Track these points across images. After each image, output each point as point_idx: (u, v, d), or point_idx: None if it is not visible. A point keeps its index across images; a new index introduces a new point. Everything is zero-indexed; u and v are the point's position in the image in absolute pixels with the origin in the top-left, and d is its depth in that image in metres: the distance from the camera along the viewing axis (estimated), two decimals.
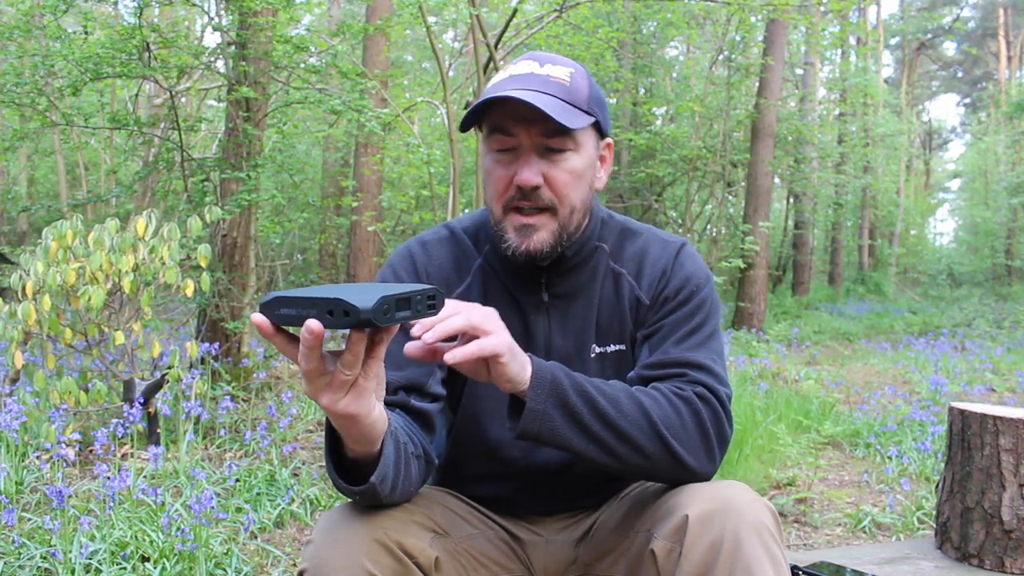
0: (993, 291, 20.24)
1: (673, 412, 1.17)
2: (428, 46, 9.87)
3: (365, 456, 1.04)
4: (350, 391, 0.92)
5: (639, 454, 1.15)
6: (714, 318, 1.30)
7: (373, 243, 9.19)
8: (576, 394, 1.12)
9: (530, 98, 1.16)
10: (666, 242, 1.35)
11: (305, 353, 0.87)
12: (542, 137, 1.21)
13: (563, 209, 1.24)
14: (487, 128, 1.25)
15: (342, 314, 0.83)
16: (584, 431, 1.13)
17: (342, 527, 1.09)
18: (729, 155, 12.00)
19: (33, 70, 5.62)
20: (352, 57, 7.72)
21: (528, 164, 1.21)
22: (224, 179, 5.42)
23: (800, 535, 3.09)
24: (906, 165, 27.06)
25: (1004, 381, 6.80)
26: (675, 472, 1.17)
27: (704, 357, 1.24)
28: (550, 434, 1.12)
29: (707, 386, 1.21)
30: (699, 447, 1.17)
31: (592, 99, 1.25)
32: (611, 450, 1.14)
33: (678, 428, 1.16)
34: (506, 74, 1.24)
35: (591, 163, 1.27)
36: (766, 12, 9.07)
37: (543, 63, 1.24)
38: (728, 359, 6.98)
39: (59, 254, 3.69)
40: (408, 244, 1.37)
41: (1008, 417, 1.79)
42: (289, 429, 4.10)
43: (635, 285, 1.33)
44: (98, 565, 2.38)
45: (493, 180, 1.25)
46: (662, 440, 1.14)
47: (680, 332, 1.26)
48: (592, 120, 1.24)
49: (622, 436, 1.14)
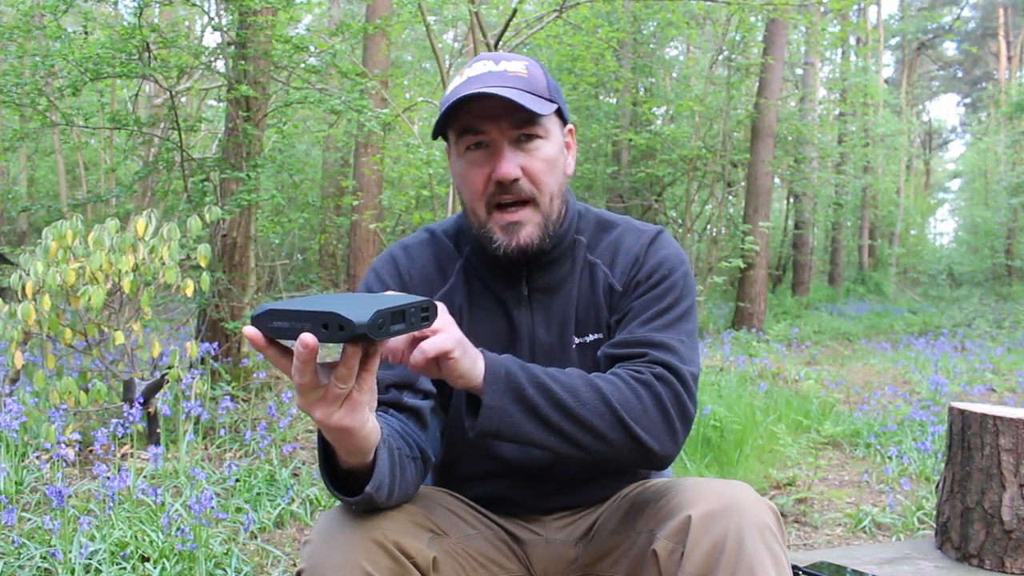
0: (993, 291, 20.24)
1: (633, 396, 1.15)
2: (428, 46, 9.87)
3: (359, 467, 1.04)
4: (344, 404, 0.92)
5: (602, 441, 1.13)
6: (686, 300, 1.29)
7: (373, 243, 9.19)
8: (532, 386, 1.11)
9: (495, 91, 1.18)
10: (641, 231, 1.36)
11: (299, 367, 0.87)
12: (513, 129, 1.22)
13: (543, 198, 1.25)
14: (456, 132, 1.26)
15: (337, 328, 0.82)
16: (544, 423, 1.11)
17: (340, 528, 1.09)
18: (729, 155, 11.99)
19: (33, 70, 5.62)
20: (352, 57, 7.72)
21: (504, 158, 1.22)
22: (224, 179, 5.42)
23: (800, 535, 3.09)
24: (906, 165, 27.06)
25: (1004, 381, 6.80)
26: (639, 456, 1.16)
27: (669, 337, 1.23)
28: (510, 430, 1.10)
29: (667, 365, 1.19)
30: (661, 430, 1.16)
31: (551, 87, 1.27)
32: (574, 440, 1.13)
33: (639, 412, 1.15)
34: (463, 77, 1.25)
35: (560, 149, 1.29)
36: (766, 12, 9.07)
37: (498, 61, 1.26)
38: (728, 359, 6.99)
39: (59, 254, 3.68)
40: (391, 250, 1.39)
41: (1008, 417, 1.79)
42: (289, 429, 4.10)
43: (608, 273, 1.33)
44: (98, 565, 2.38)
45: (470, 181, 1.25)
46: (623, 425, 1.13)
47: (648, 313, 1.26)
48: (555, 106, 1.26)
49: (583, 425, 1.12)
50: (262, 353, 0.88)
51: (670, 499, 1.17)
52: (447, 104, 1.21)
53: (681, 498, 1.14)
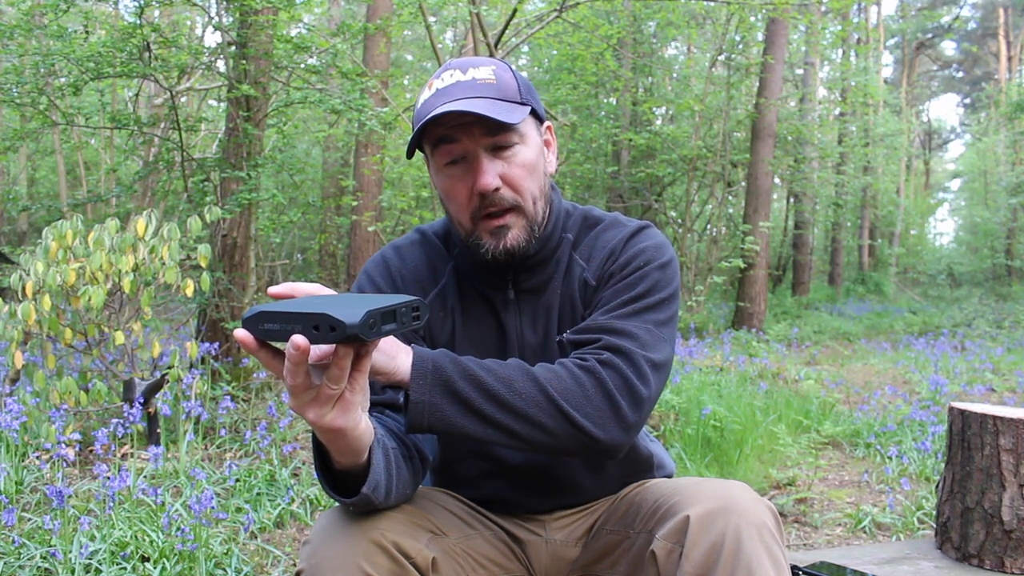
0: (993, 291, 20.23)
1: (574, 383, 1.13)
2: (428, 46, 9.87)
3: (353, 467, 1.04)
4: (336, 405, 0.92)
5: (541, 431, 1.11)
6: (660, 292, 1.26)
7: (373, 243, 9.18)
8: (463, 380, 1.10)
9: (464, 106, 1.17)
10: (624, 225, 1.35)
11: (291, 369, 0.87)
12: (487, 138, 1.21)
13: (526, 203, 1.25)
14: (430, 146, 1.25)
15: (328, 329, 0.82)
16: (477, 416, 1.10)
17: (339, 528, 1.09)
18: (729, 155, 12.00)
19: (35, 69, 5.62)
20: (352, 56, 7.72)
21: (482, 170, 1.21)
22: (224, 179, 5.42)
23: (800, 535, 3.09)
24: (906, 165, 27.06)
25: (1004, 381, 6.80)
26: (583, 445, 1.13)
27: (631, 324, 1.20)
28: (442, 424, 1.09)
29: (617, 349, 1.17)
30: (607, 417, 1.13)
31: (522, 89, 1.26)
32: (510, 431, 1.10)
33: (580, 399, 1.12)
34: (432, 90, 1.24)
35: (539, 151, 1.28)
36: (766, 12, 9.07)
37: (465, 69, 1.24)
38: (728, 359, 6.98)
39: (59, 254, 3.69)
40: (382, 251, 1.39)
41: (1008, 417, 1.79)
42: (289, 429, 4.10)
43: (584, 267, 1.33)
44: (98, 565, 2.38)
45: (454, 195, 1.25)
46: (563, 414, 1.11)
47: (615, 302, 1.25)
48: (528, 110, 1.25)
49: (519, 415, 1.10)
50: (254, 356, 0.88)
51: (669, 499, 1.17)
52: (418, 123, 1.20)
53: (680, 498, 1.14)
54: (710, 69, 12.13)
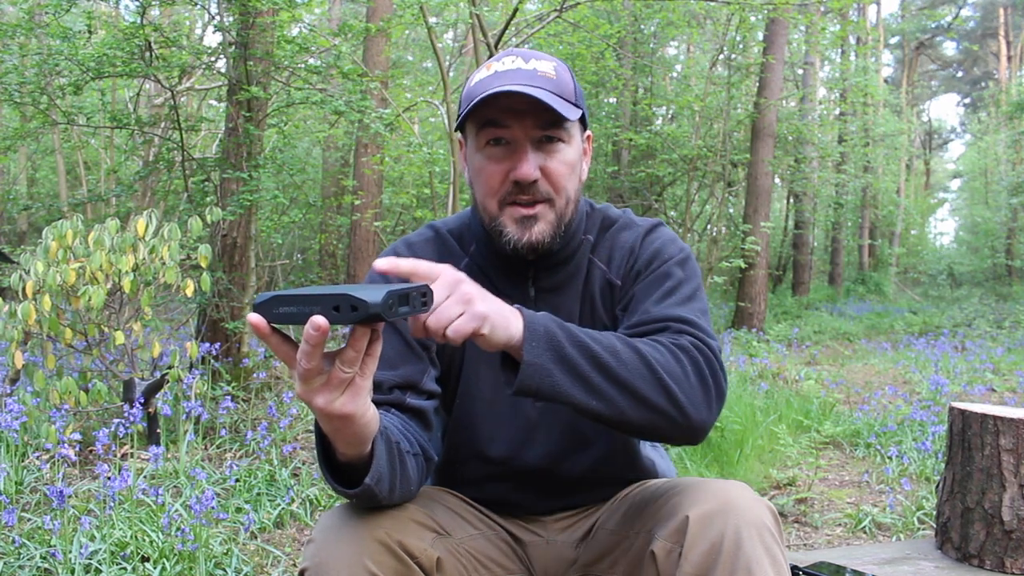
0: (993, 291, 20.23)
1: (674, 360, 1.10)
2: (429, 46, 9.87)
3: (356, 458, 1.03)
4: (347, 390, 0.91)
5: (643, 406, 1.07)
6: (692, 281, 1.25)
7: (373, 243, 9.19)
8: (572, 345, 1.06)
9: (527, 90, 1.16)
10: (638, 225, 1.35)
11: (308, 351, 0.86)
12: (537, 129, 1.20)
13: (560, 200, 1.24)
14: (476, 125, 1.23)
15: (350, 309, 0.83)
16: (585, 384, 1.06)
17: (343, 526, 1.08)
18: (729, 155, 11.98)
19: (38, 68, 5.62)
20: (353, 57, 7.72)
21: (526, 158, 1.20)
22: (225, 179, 5.42)
23: (800, 535, 3.09)
24: (906, 165, 27.06)
25: (1004, 381, 6.80)
26: (678, 425, 1.10)
27: (687, 312, 1.19)
28: (550, 389, 1.05)
29: (698, 337, 1.15)
30: (701, 398, 1.10)
31: (577, 92, 1.25)
32: (614, 404, 1.07)
33: (680, 377, 1.09)
34: (490, 71, 1.22)
35: (580, 155, 1.28)
36: (766, 11, 9.06)
37: (528, 59, 1.23)
38: (728, 359, 6.99)
39: (59, 254, 3.69)
40: (394, 246, 1.37)
41: (1008, 417, 1.79)
42: (289, 429, 4.10)
43: (606, 270, 1.33)
44: (98, 565, 2.38)
45: (485, 176, 1.23)
46: (666, 390, 1.08)
47: (656, 294, 1.24)
48: (581, 112, 1.24)
49: (625, 387, 1.07)
50: (264, 341, 0.87)
51: (668, 499, 1.17)
52: (475, 97, 1.18)
53: (679, 498, 1.14)
54: (710, 69, 12.12)
